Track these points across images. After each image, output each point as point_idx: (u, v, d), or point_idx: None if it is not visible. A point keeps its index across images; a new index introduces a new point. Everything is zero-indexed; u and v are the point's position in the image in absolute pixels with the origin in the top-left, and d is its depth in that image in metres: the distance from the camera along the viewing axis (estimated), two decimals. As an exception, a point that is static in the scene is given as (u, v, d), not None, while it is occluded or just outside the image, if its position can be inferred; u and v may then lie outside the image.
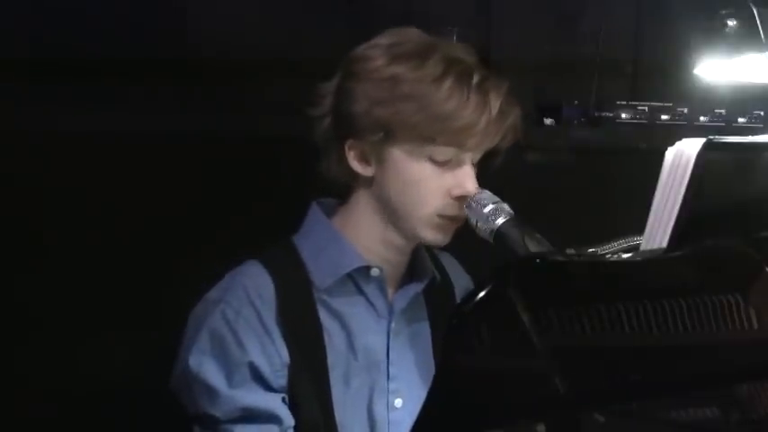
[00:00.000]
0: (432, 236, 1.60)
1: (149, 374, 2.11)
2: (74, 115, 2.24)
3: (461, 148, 1.56)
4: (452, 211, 1.58)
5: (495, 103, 1.55)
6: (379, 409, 1.64)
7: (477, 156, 1.61)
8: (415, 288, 1.69)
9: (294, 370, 1.56)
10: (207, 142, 2.29)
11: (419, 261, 1.72)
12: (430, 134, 1.53)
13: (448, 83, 1.53)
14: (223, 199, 2.31)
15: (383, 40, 1.59)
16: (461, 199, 1.57)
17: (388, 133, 1.55)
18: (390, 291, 1.67)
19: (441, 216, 1.58)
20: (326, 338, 1.60)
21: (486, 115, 1.54)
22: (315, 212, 1.67)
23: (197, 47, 2.31)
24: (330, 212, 1.67)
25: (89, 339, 2.23)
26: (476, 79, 1.55)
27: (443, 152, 1.56)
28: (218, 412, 1.54)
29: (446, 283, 1.77)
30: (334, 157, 1.62)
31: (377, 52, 1.57)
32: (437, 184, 1.57)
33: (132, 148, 2.25)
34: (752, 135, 1.23)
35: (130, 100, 2.28)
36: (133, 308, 2.24)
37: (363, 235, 1.63)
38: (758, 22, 1.77)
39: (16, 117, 2.22)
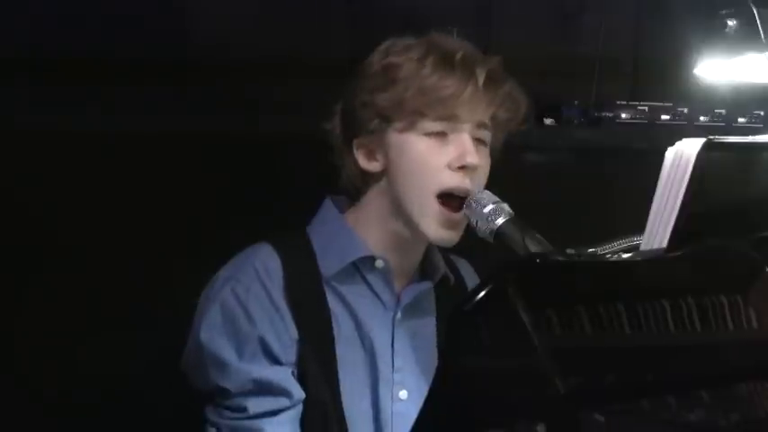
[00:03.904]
0: (435, 231, 1.60)
1: (148, 374, 2.12)
2: (73, 115, 2.24)
3: (453, 119, 1.59)
4: (453, 182, 1.59)
5: (482, 73, 1.59)
6: (384, 400, 1.65)
7: (482, 133, 1.62)
8: (426, 285, 1.72)
9: (303, 347, 1.59)
10: (207, 142, 2.29)
11: (432, 260, 1.74)
12: (419, 108, 1.58)
13: (431, 59, 1.59)
14: (223, 199, 2.31)
15: (381, 47, 1.66)
16: (463, 170, 1.58)
17: (384, 118, 1.60)
18: (399, 285, 1.69)
19: (443, 195, 1.59)
20: (334, 322, 1.62)
21: (472, 84, 1.58)
22: (328, 206, 1.71)
23: (197, 47, 2.31)
24: (342, 208, 1.71)
25: (88, 339, 2.23)
26: (459, 55, 1.60)
27: (437, 125, 1.59)
28: (229, 385, 1.56)
29: (460, 286, 1.79)
30: (347, 162, 1.67)
31: (374, 56, 1.65)
32: (436, 160, 1.59)
33: (132, 148, 2.25)
34: (752, 135, 1.24)
35: (130, 100, 2.28)
36: (132, 308, 2.24)
37: (374, 230, 1.66)
38: (758, 22, 1.78)
39: (16, 117, 2.22)
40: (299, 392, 1.57)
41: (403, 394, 1.66)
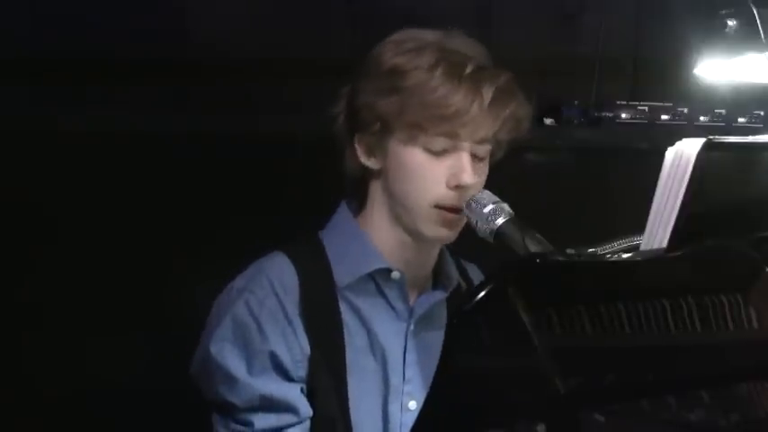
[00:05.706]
0: (432, 230, 1.59)
1: (148, 374, 2.12)
2: (74, 115, 2.24)
3: (453, 137, 1.56)
4: (450, 201, 1.57)
5: (488, 92, 1.55)
6: (393, 410, 1.64)
7: (482, 149, 1.60)
8: (439, 295, 1.69)
9: (314, 362, 1.57)
10: (207, 142, 2.29)
11: (444, 268, 1.72)
12: (420, 122, 1.55)
13: (439, 71, 1.54)
14: (223, 199, 2.31)
15: (393, 37, 1.62)
16: (458, 189, 1.57)
17: (385, 125, 1.58)
18: (413, 295, 1.68)
19: (439, 207, 1.58)
20: (346, 334, 1.61)
21: (477, 103, 1.54)
22: (343, 211, 1.69)
23: (197, 47, 2.31)
24: (356, 212, 1.69)
25: (89, 339, 2.24)
26: (469, 69, 1.56)
27: (437, 142, 1.56)
28: (236, 400, 1.55)
29: None
30: (348, 152, 1.64)
31: (384, 48, 1.61)
32: (434, 174, 1.57)
33: (132, 148, 2.25)
34: (752, 135, 1.23)
35: (130, 100, 2.28)
36: (133, 308, 2.24)
37: (381, 234, 1.64)
38: (758, 22, 1.77)
39: (16, 117, 2.22)
40: (306, 409, 1.56)
41: (412, 405, 1.65)
